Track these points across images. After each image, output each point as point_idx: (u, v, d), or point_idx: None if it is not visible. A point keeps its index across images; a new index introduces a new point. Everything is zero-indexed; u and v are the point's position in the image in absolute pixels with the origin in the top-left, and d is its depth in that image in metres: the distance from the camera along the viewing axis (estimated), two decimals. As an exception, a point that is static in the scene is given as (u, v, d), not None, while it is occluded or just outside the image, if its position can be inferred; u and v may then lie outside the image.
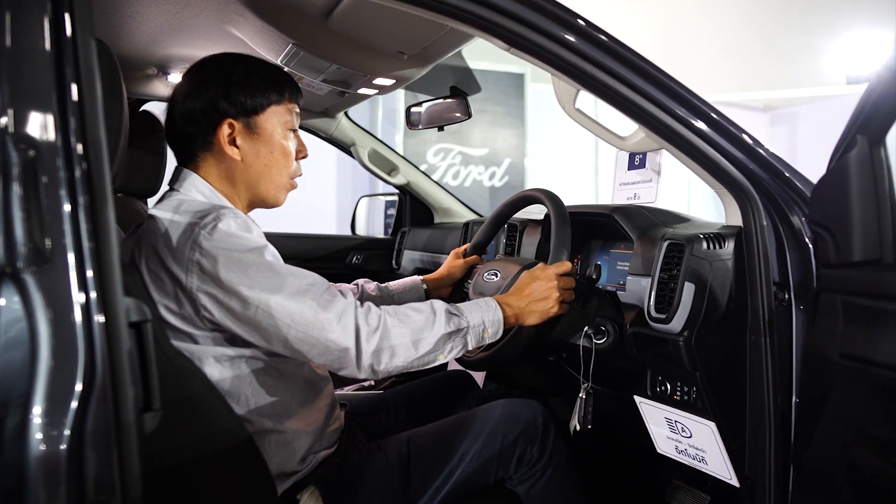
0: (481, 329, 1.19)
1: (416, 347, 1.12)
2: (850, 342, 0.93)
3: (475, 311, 1.20)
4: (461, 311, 1.19)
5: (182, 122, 1.20)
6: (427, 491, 1.24)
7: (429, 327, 1.13)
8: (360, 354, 1.08)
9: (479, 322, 1.19)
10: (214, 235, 1.05)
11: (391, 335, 1.10)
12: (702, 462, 1.28)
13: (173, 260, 1.06)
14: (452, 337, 1.16)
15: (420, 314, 1.14)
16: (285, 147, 1.23)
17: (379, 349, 1.08)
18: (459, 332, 1.17)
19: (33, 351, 0.61)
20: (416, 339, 1.12)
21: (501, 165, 5.94)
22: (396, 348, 1.10)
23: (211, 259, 1.04)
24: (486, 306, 1.22)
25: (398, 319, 1.12)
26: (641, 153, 1.37)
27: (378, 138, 2.59)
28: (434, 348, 1.13)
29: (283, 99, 1.23)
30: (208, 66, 1.23)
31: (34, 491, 0.60)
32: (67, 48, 0.67)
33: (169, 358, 0.94)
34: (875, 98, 0.87)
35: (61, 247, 0.63)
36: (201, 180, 1.20)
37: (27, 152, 0.63)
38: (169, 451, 0.89)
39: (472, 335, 1.19)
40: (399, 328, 1.11)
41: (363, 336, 1.08)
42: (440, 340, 1.14)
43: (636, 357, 1.33)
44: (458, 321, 1.17)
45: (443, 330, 1.14)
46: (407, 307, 1.16)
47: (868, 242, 0.89)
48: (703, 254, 1.19)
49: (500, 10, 1.02)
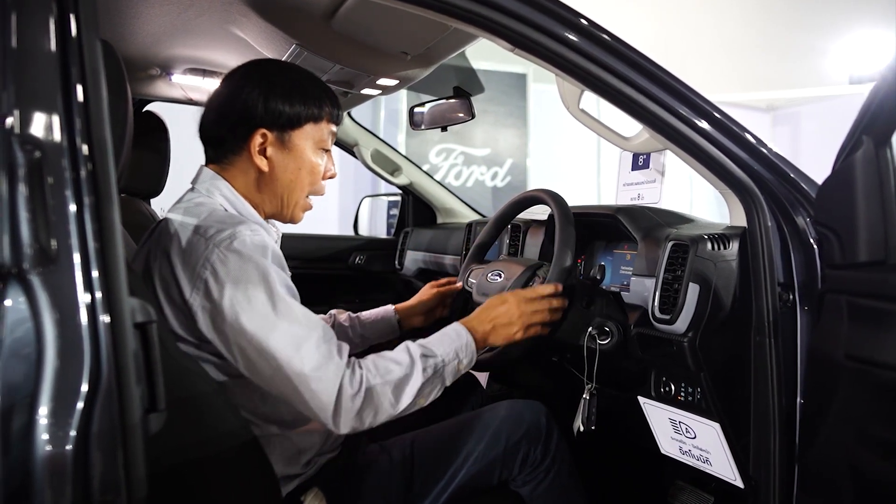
0: (456, 362, 1.16)
1: (398, 403, 1.08)
2: (855, 343, 0.93)
3: (447, 345, 1.17)
4: (434, 351, 1.15)
5: (216, 124, 1.18)
6: (431, 492, 1.24)
7: (408, 380, 1.10)
8: (341, 417, 1.04)
9: (454, 356, 1.16)
10: (228, 256, 1.03)
11: (374, 395, 1.06)
12: (706, 463, 1.28)
13: (183, 272, 1.04)
14: (431, 381, 1.13)
15: (400, 366, 1.10)
16: (314, 166, 1.21)
17: (361, 410, 1.05)
18: (437, 373, 1.13)
19: (39, 352, 0.61)
20: (398, 395, 1.08)
21: (504, 166, 5.93)
22: (379, 407, 1.07)
23: (219, 282, 1.02)
24: (457, 336, 1.19)
25: (380, 376, 1.08)
26: (645, 154, 1.36)
27: (381, 138, 2.58)
28: (415, 399, 1.10)
29: (321, 117, 1.20)
30: (253, 70, 1.20)
31: (40, 491, 0.60)
32: (73, 49, 0.67)
33: (174, 359, 0.94)
34: (880, 98, 0.87)
35: (67, 247, 0.63)
36: (226, 183, 1.17)
37: (33, 153, 0.63)
38: (174, 451, 0.88)
39: (449, 371, 1.16)
40: (381, 387, 1.07)
41: (346, 398, 1.04)
42: (420, 389, 1.11)
43: (640, 358, 1.33)
44: (434, 362, 1.13)
45: (421, 379, 1.11)
46: (387, 360, 1.11)
47: (873, 243, 0.89)
48: (708, 254, 1.19)
49: (505, 11, 1.02)
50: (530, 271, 1.43)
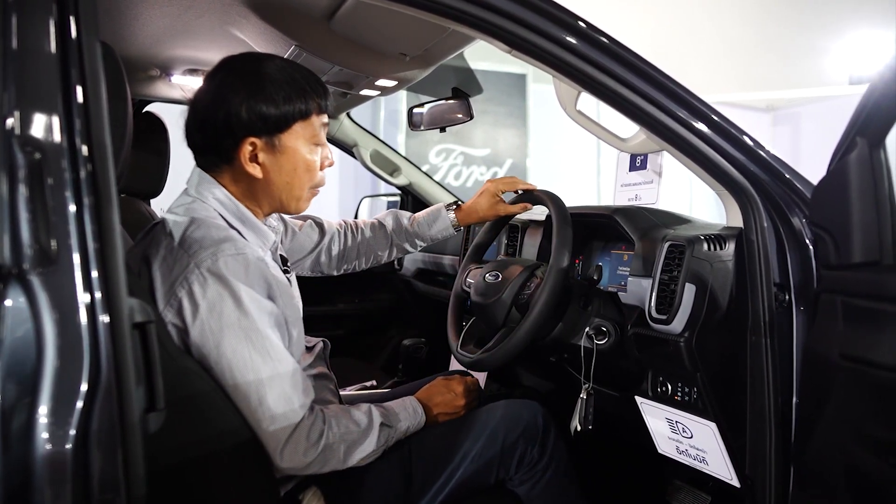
0: (402, 434, 1.25)
1: (346, 461, 1.15)
2: (850, 343, 0.94)
3: (404, 420, 1.26)
4: (392, 423, 1.23)
5: (201, 132, 1.14)
6: (428, 491, 1.25)
7: (362, 443, 1.16)
8: (286, 459, 1.07)
9: (404, 431, 1.26)
10: (207, 279, 1.02)
11: (327, 450, 1.11)
12: (702, 462, 1.29)
13: (161, 285, 1.04)
14: (380, 448, 1.20)
15: (359, 428, 1.17)
16: (309, 163, 1.18)
17: (312, 462, 1.10)
18: (386, 442, 1.21)
19: (39, 351, 0.62)
20: (349, 454, 1.15)
21: (503, 166, 5.94)
22: (328, 461, 1.12)
23: (193, 304, 1.02)
24: (414, 413, 1.28)
25: (339, 434, 1.13)
26: (643, 155, 1.37)
27: (380, 139, 2.59)
28: (361, 460, 1.17)
29: (309, 112, 1.15)
30: (229, 72, 1.13)
31: (40, 490, 0.61)
32: (72, 50, 0.68)
33: (172, 358, 0.95)
34: (874, 100, 0.88)
35: (67, 248, 0.64)
36: (221, 188, 1.14)
37: (33, 154, 0.64)
38: (173, 450, 0.89)
39: (394, 440, 1.24)
40: (336, 445, 1.13)
41: (300, 446, 1.08)
42: (370, 454, 1.18)
43: (637, 358, 1.33)
44: (388, 433, 1.21)
45: (374, 446, 1.18)
46: (349, 419, 1.17)
47: (868, 244, 0.89)
48: (704, 255, 1.20)
49: (502, 13, 1.02)
50: (528, 271, 1.44)
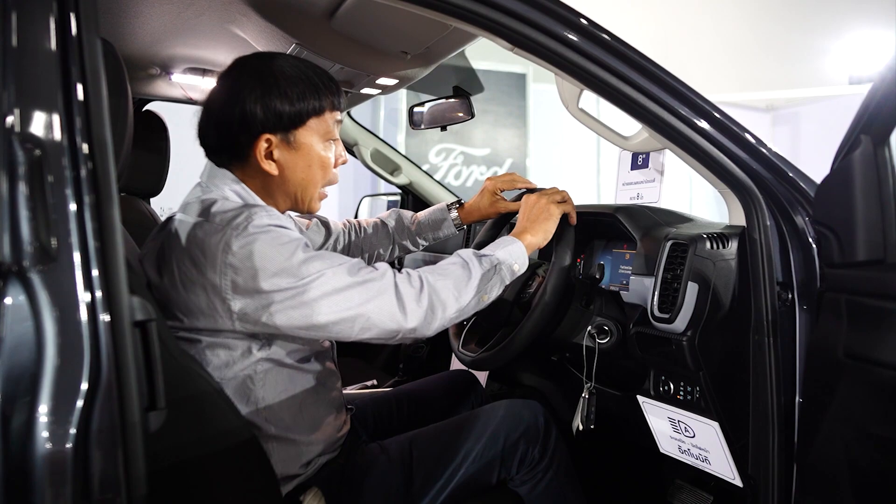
0: (511, 262, 1.24)
1: (461, 295, 1.15)
2: (854, 342, 0.93)
3: (500, 249, 1.25)
4: (486, 252, 1.23)
5: (217, 131, 1.15)
6: (430, 491, 1.25)
7: (466, 274, 1.17)
8: (409, 316, 1.10)
9: (507, 256, 1.24)
10: (248, 232, 1.02)
11: (437, 290, 1.13)
12: (705, 462, 1.28)
13: (207, 262, 1.03)
14: (489, 276, 1.20)
15: (454, 265, 1.19)
16: (324, 159, 1.19)
17: (430, 306, 1.12)
18: (494, 269, 1.21)
19: (39, 350, 0.61)
20: (459, 288, 1.16)
21: (503, 165, 5.94)
22: (446, 301, 1.14)
23: (247, 260, 1.02)
24: (506, 241, 1.27)
25: (437, 274, 1.16)
26: (644, 153, 1.37)
27: (380, 138, 2.59)
28: (477, 291, 1.18)
29: (323, 109, 1.17)
30: (243, 71, 1.16)
31: (40, 489, 0.60)
32: (73, 48, 0.67)
33: (174, 357, 0.94)
34: (879, 98, 0.87)
35: (67, 246, 0.64)
36: (234, 178, 1.16)
37: (33, 151, 0.63)
38: (173, 449, 0.89)
39: (506, 270, 1.23)
40: (441, 281, 1.14)
41: (408, 298, 1.10)
42: (481, 283, 1.18)
43: (639, 357, 1.33)
44: (490, 259, 1.21)
45: (479, 272, 1.18)
46: (442, 263, 1.20)
47: (872, 242, 0.89)
48: (707, 253, 1.19)
49: (504, 10, 1.02)
50: (530, 270, 1.44)
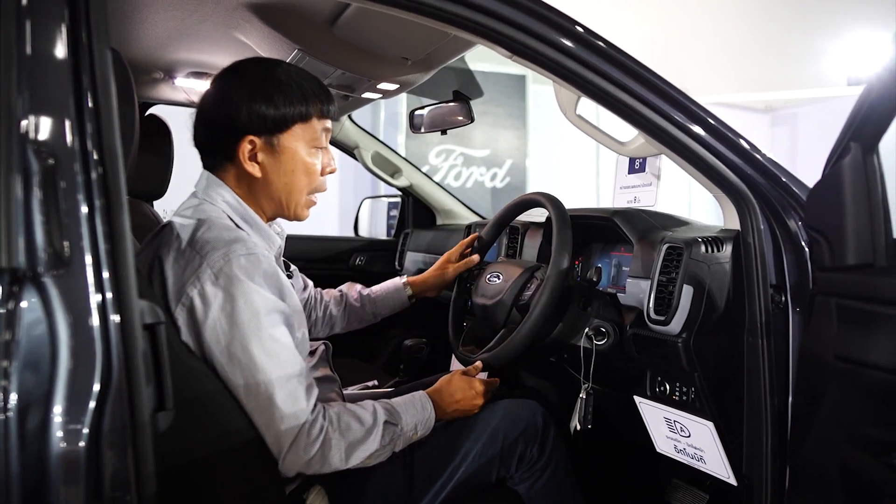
0: (412, 433, 1.21)
1: (348, 461, 1.12)
2: (844, 344, 0.95)
3: (411, 416, 1.21)
4: (397, 420, 1.19)
5: (205, 132, 1.19)
6: (430, 489, 1.27)
7: (364, 441, 1.13)
8: (289, 460, 1.08)
9: (412, 428, 1.21)
10: (218, 278, 1.04)
11: (328, 449, 1.09)
12: (700, 461, 1.30)
13: (173, 285, 1.05)
14: (385, 448, 1.17)
15: (362, 427, 1.14)
16: (309, 166, 1.20)
17: (311, 460, 1.08)
18: (391, 441, 1.18)
19: (53, 352, 0.63)
20: (350, 453, 1.12)
21: (503, 167, 5.96)
22: (329, 461, 1.10)
23: (205, 303, 1.03)
24: (423, 410, 1.24)
25: (340, 432, 1.11)
26: (641, 158, 1.38)
27: (381, 141, 2.61)
28: (364, 461, 1.14)
29: (310, 116, 1.18)
30: (234, 74, 1.18)
31: (55, 487, 0.62)
32: (84, 57, 0.69)
33: (180, 359, 0.96)
34: (868, 105, 0.89)
35: (79, 250, 0.65)
36: (228, 190, 1.17)
37: (46, 159, 0.65)
38: (181, 449, 0.90)
39: (403, 441, 1.20)
40: (336, 443, 1.10)
41: (301, 445, 1.07)
42: (373, 454, 1.15)
43: (636, 358, 1.35)
44: (393, 431, 1.18)
45: (377, 445, 1.15)
46: (351, 416, 1.14)
47: (861, 247, 0.91)
48: (702, 257, 1.21)
49: (503, 19, 1.04)
50: (528, 273, 1.46)
